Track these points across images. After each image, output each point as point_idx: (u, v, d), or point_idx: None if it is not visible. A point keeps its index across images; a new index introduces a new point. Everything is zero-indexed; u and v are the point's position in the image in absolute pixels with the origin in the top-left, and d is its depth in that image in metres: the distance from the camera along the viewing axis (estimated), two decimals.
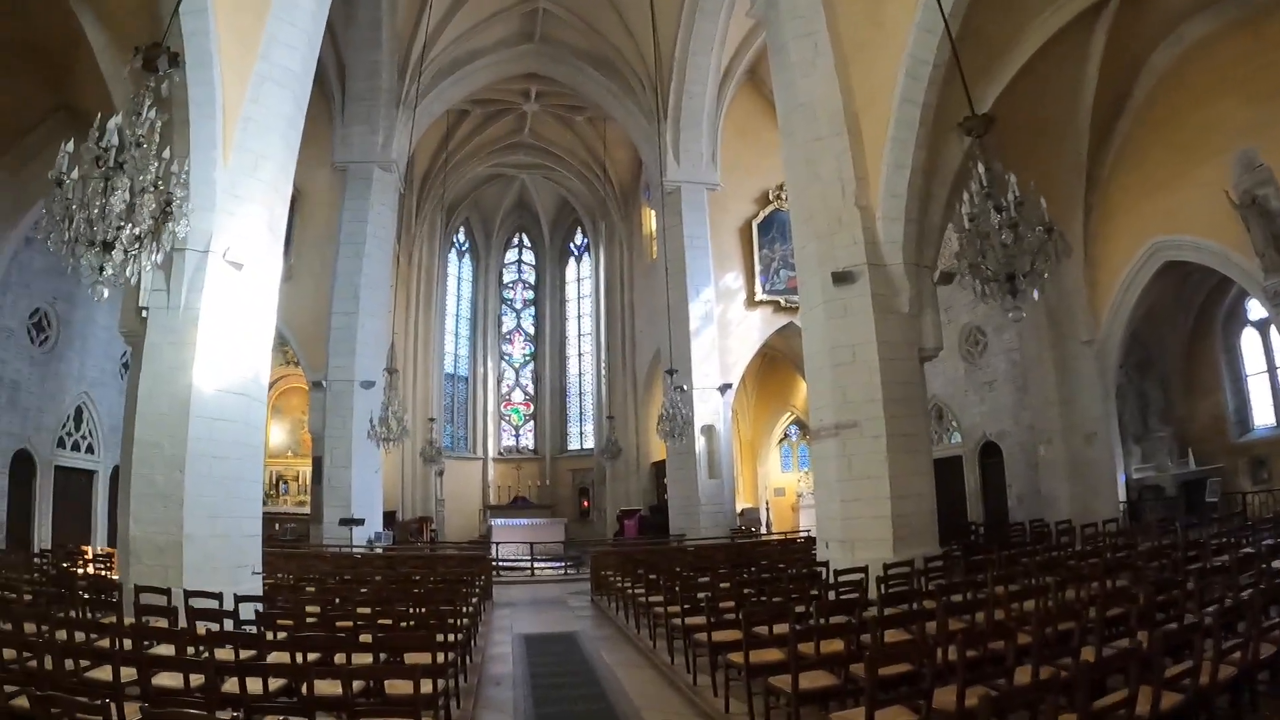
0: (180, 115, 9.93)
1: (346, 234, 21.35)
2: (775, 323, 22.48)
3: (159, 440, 10.07)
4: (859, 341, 11.15)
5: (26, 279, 17.05)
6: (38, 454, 17.11)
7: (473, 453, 33.55)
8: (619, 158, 28.84)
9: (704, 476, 20.97)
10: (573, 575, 19.83)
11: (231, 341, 10.60)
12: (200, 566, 9.75)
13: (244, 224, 10.84)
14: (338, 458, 20.27)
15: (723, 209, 22.63)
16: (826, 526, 11.60)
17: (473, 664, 9.29)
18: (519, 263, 36.64)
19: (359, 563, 15.01)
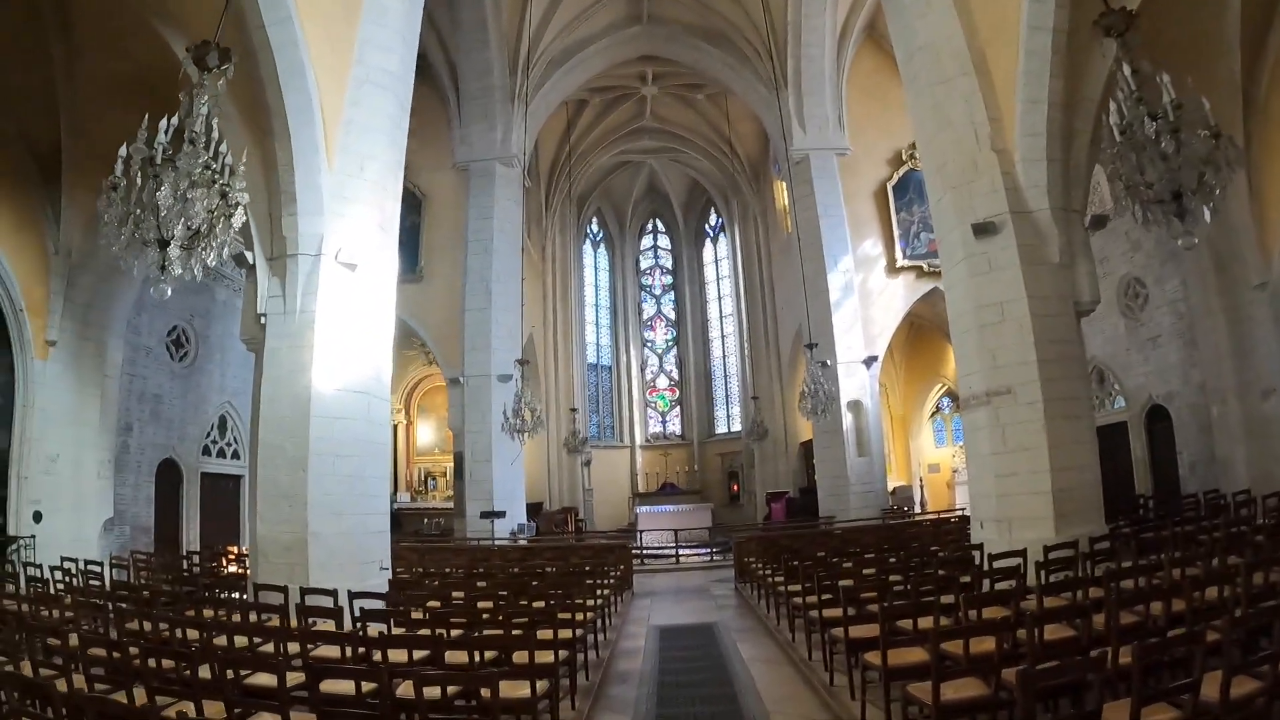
0: (280, 124, 10.22)
1: (473, 231, 21.55)
2: (919, 289, 21.22)
3: (281, 442, 10.20)
4: (1007, 298, 10.07)
5: (158, 300, 17.42)
6: (183, 462, 17.88)
7: (619, 441, 33.52)
8: (744, 132, 28.03)
9: (852, 455, 20.02)
10: (719, 562, 19.28)
11: (349, 341, 10.64)
12: (325, 564, 9.77)
13: (354, 225, 10.89)
14: (478, 452, 20.44)
15: (854, 174, 21.53)
16: (980, 505, 10.47)
17: (599, 659, 8.91)
18: (655, 248, 36.33)
19: (493, 555, 14.88)
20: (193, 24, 10.37)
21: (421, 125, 22.18)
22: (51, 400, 14.13)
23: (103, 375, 15.00)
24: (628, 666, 8.84)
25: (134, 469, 16.60)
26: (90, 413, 14.76)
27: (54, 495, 13.92)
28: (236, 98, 10.56)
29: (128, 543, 15.75)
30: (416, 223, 22.23)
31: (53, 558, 12.27)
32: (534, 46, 21.52)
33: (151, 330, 17.50)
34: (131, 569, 12.27)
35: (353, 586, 8.99)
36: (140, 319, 16.97)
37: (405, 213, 21.56)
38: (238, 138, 10.67)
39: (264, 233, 10.83)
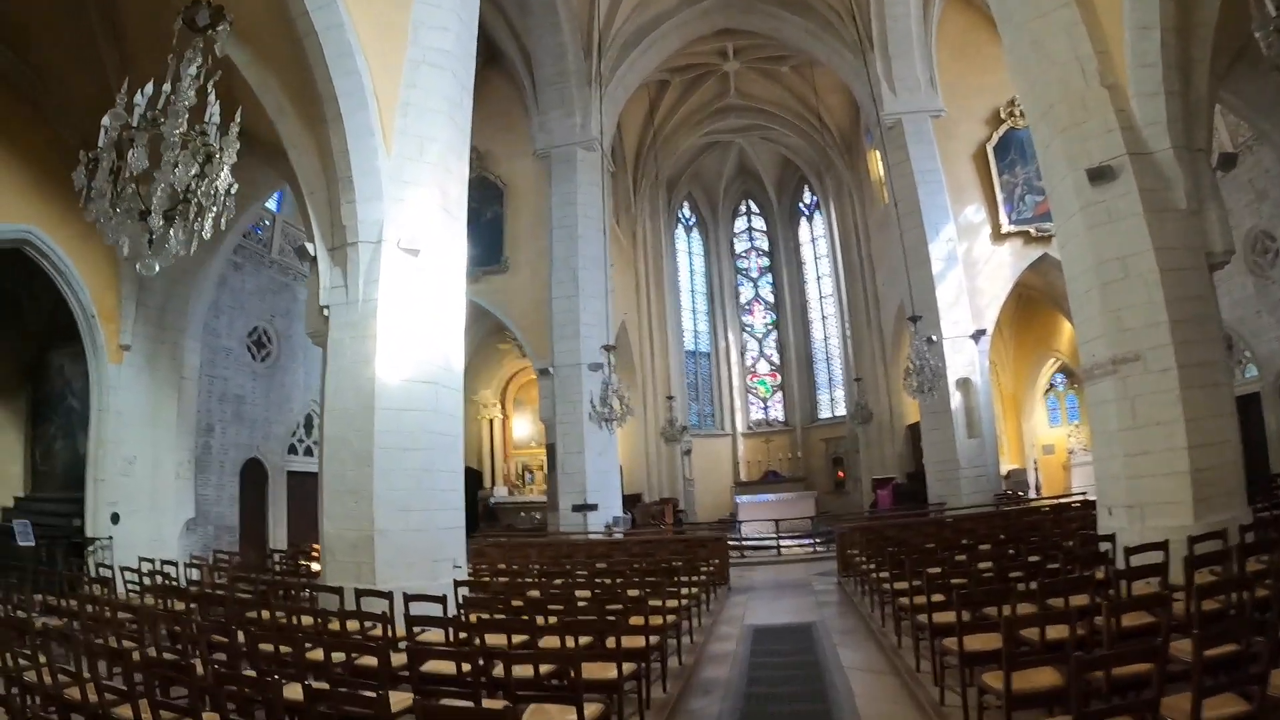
0: (332, 110, 10.06)
1: (557, 218, 21.10)
2: (1027, 256, 19.69)
3: (346, 435, 9.93)
4: (1130, 252, 8.82)
5: (240, 301, 18.04)
6: (268, 461, 18.03)
7: (720, 429, 32.66)
8: (833, 104, 26.73)
9: (962, 436, 18.70)
10: (822, 553, 18.24)
11: (414, 329, 10.25)
12: (393, 562, 9.40)
13: (415, 210, 10.52)
14: (570, 443, 19.97)
15: (951, 136, 20.13)
16: (1108, 488, 9.14)
17: (682, 666, 8.11)
18: (749, 230, 35.23)
19: (577, 551, 14.28)
20: (240, 20, 10.12)
21: (498, 114, 22.13)
22: (127, 404, 14.26)
23: (179, 377, 15.10)
24: (714, 674, 8.02)
25: (217, 469, 16.79)
26: (167, 415, 14.85)
27: (132, 497, 14.06)
28: (288, 87, 10.51)
29: (211, 542, 15.89)
30: (499, 213, 21.98)
31: (130, 558, 12.34)
32: (606, 27, 20.89)
33: (231, 332, 17.68)
34: (203, 569, 12.15)
35: (422, 586, 8.64)
36: (219, 321, 17.17)
37: (487, 203, 21.87)
38: (294, 131, 10.64)
39: (324, 223, 10.64)
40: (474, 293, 21.25)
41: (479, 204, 21.76)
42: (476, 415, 27.65)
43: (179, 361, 15.13)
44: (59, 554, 13.18)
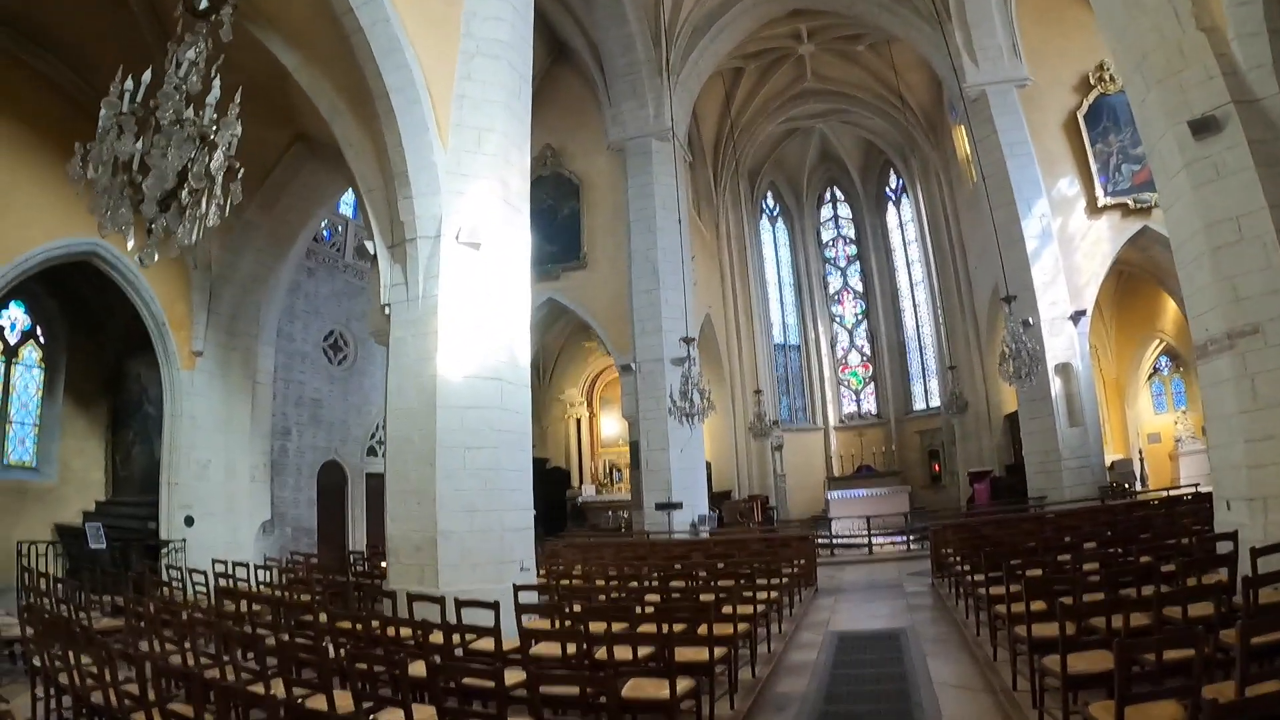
0: (384, 106, 9.96)
1: (635, 211, 20.73)
2: (1125, 230, 18.37)
3: (409, 435, 9.80)
4: (1244, 210, 7.85)
5: (315, 305, 18.34)
6: (347, 464, 18.24)
7: (812, 423, 31.81)
8: (914, 81, 25.62)
9: (1063, 425, 17.51)
10: (916, 551, 17.32)
11: (477, 324, 10.02)
12: (458, 564, 9.19)
13: (474, 203, 10.31)
14: (653, 440, 19.57)
15: (1038, 107, 18.93)
16: (1226, 479, 8.07)
17: (756, 678, 7.48)
18: (835, 218, 34.21)
19: (654, 552, 13.76)
20: (288, 24, 10.42)
21: (571, 110, 21.97)
22: (200, 409, 14.55)
23: (253, 382, 15.33)
24: (790, 688, 7.33)
25: (294, 471, 17.06)
26: (241, 419, 15.10)
27: (206, 500, 14.35)
28: (340, 87, 10.48)
29: (288, 544, 16.09)
30: (576, 209, 21.78)
31: (204, 560, 12.32)
32: (674, 14, 20.40)
33: (307, 336, 17.93)
34: (274, 570, 12.14)
35: (486, 590, 8.30)
36: (294, 326, 17.44)
37: (563, 199, 21.69)
38: (350, 130, 10.58)
39: (383, 220, 10.55)
40: (554, 290, 21.31)
41: (555, 201, 21.74)
42: (563, 415, 27.62)
43: (252, 366, 15.35)
44: (134, 556, 13.51)
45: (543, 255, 20.95)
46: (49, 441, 17.20)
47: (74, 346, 17.76)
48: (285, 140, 14.41)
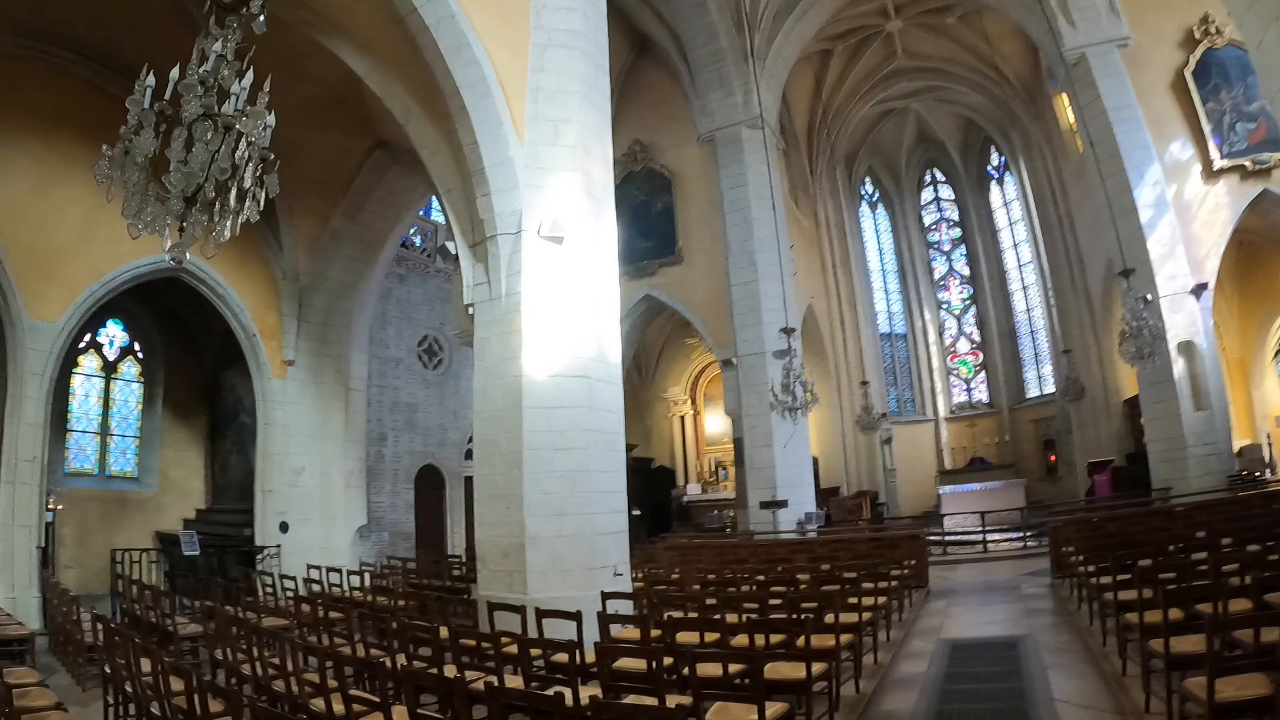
0: (455, 103, 9.83)
1: (729, 202, 20.19)
2: (1244, 194, 16.86)
3: (496, 437, 9.60)
4: None
5: (407, 311, 18.62)
6: (444, 467, 18.42)
7: (921, 415, 30.64)
8: (1009, 51, 24.21)
9: (1187, 409, 16.09)
10: (1033, 549, 16.34)
11: (563, 321, 9.74)
12: (547, 570, 8.90)
13: (555, 196, 10.04)
14: (757, 436, 18.97)
15: (1142, 66, 17.53)
16: None
17: (860, 694, 6.88)
18: (937, 201, 32.87)
19: (755, 554, 13.23)
20: (355, 31, 10.43)
21: (658, 104, 21.66)
22: (293, 417, 14.81)
23: (346, 389, 15.49)
24: (897, 705, 6.73)
25: (390, 476, 17.31)
26: (334, 426, 15.28)
27: (301, 506, 14.58)
28: (412, 88, 10.40)
29: (386, 548, 16.32)
30: (669, 203, 21.41)
31: (299, 566, 12.71)
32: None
33: (400, 342, 18.19)
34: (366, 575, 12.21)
35: (575, 596, 8.09)
36: (386, 332, 17.71)
37: (656, 194, 21.36)
38: (425, 131, 10.49)
39: (463, 220, 10.43)
40: (651, 287, 21.02)
41: (648, 196, 21.43)
42: (667, 413, 27.36)
43: (345, 374, 15.53)
44: (230, 561, 13.97)
45: (638, 251, 20.67)
46: (149, 452, 18.15)
47: (171, 360, 18.63)
48: (366, 147, 14.53)
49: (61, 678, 8.80)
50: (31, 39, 11.88)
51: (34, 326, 12.58)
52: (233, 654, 6.66)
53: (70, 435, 17.43)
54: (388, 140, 13.99)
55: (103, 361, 18.24)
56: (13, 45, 11.67)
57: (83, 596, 13.28)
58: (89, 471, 17.63)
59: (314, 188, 14.77)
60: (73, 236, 12.03)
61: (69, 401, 17.37)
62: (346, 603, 10.29)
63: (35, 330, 12.59)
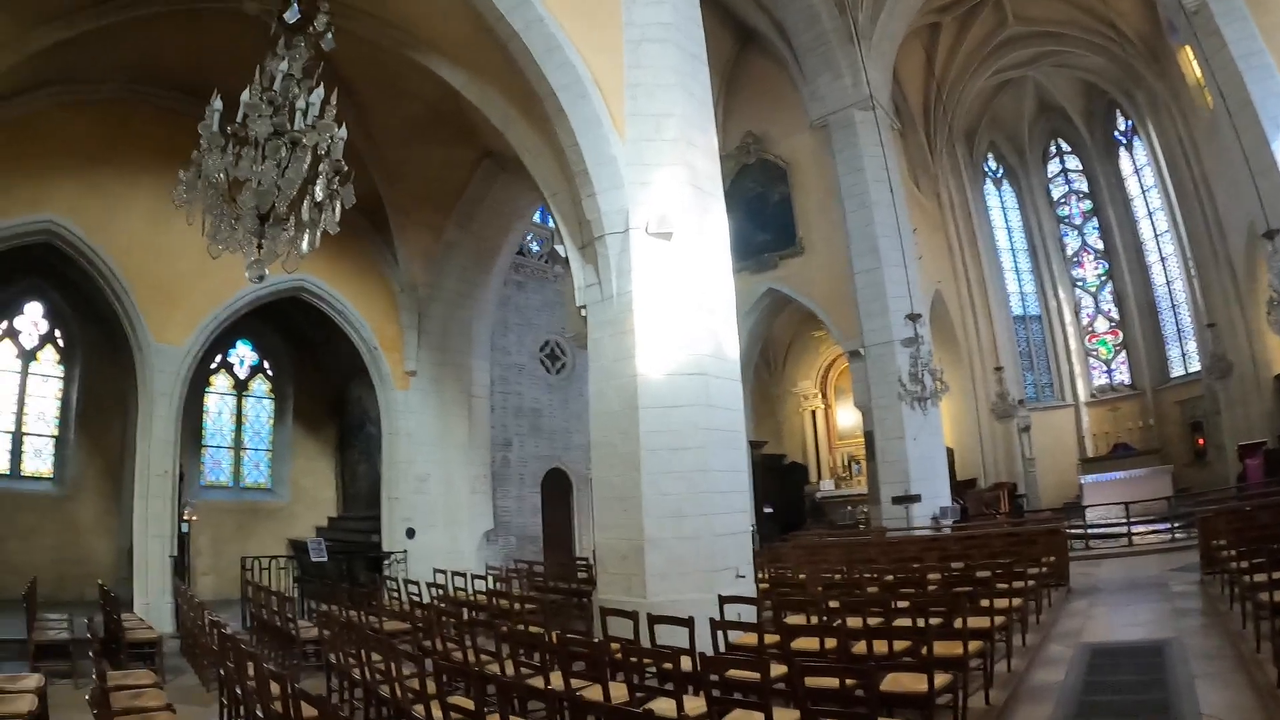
0: (552, 106, 9.87)
1: (846, 188, 19.60)
2: None
3: (612, 439, 9.57)
4: None
5: (527, 317, 18.92)
6: (570, 470, 18.58)
7: (1060, 400, 29.07)
8: (1124, 8, 22.37)
9: None
10: (1181, 542, 15.10)
11: (676, 318, 9.63)
12: (666, 573, 8.77)
13: (661, 192, 9.95)
14: (888, 429, 18.33)
15: (1266, 8, 15.89)
16: None
17: (990, 706, 6.32)
18: (1064, 172, 31.07)
19: (886, 552, 12.67)
20: (448, 45, 10.67)
21: (766, 94, 21.36)
22: (417, 425, 15.18)
23: (468, 396, 15.79)
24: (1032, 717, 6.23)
25: (516, 481, 17.59)
26: (458, 433, 15.58)
27: (426, 512, 14.96)
28: (509, 95, 10.54)
29: (513, 551, 16.53)
30: (786, 194, 21.04)
31: (426, 570, 13.00)
32: None
33: (522, 348, 18.47)
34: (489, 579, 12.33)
35: (695, 600, 7.95)
36: (508, 339, 18.02)
37: (772, 185, 21.02)
38: (525, 137, 10.65)
39: (570, 222, 10.49)
40: (774, 280, 20.72)
41: (763, 188, 21.15)
42: (798, 408, 26.89)
43: (467, 381, 15.84)
44: (359, 567, 14.47)
45: (758, 245, 20.40)
46: (281, 464, 19.15)
47: (299, 376, 19.61)
48: (472, 158, 14.77)
49: (189, 678, 9.33)
50: (140, 83, 12.58)
51: (161, 350, 13.46)
52: (344, 658, 6.89)
53: (205, 450, 18.54)
54: (493, 150, 14.15)
55: (234, 380, 19.35)
56: (124, 90, 12.43)
57: (217, 602, 14.25)
58: (224, 484, 18.71)
59: (425, 201, 15.15)
60: (193, 264, 12.43)
61: (203, 419, 18.51)
62: (470, 606, 10.52)
63: (162, 354, 13.48)
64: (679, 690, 5.00)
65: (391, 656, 5.69)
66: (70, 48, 11.01)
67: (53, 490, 16.43)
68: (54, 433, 16.84)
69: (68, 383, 17.10)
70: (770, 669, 4.85)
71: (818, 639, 6.38)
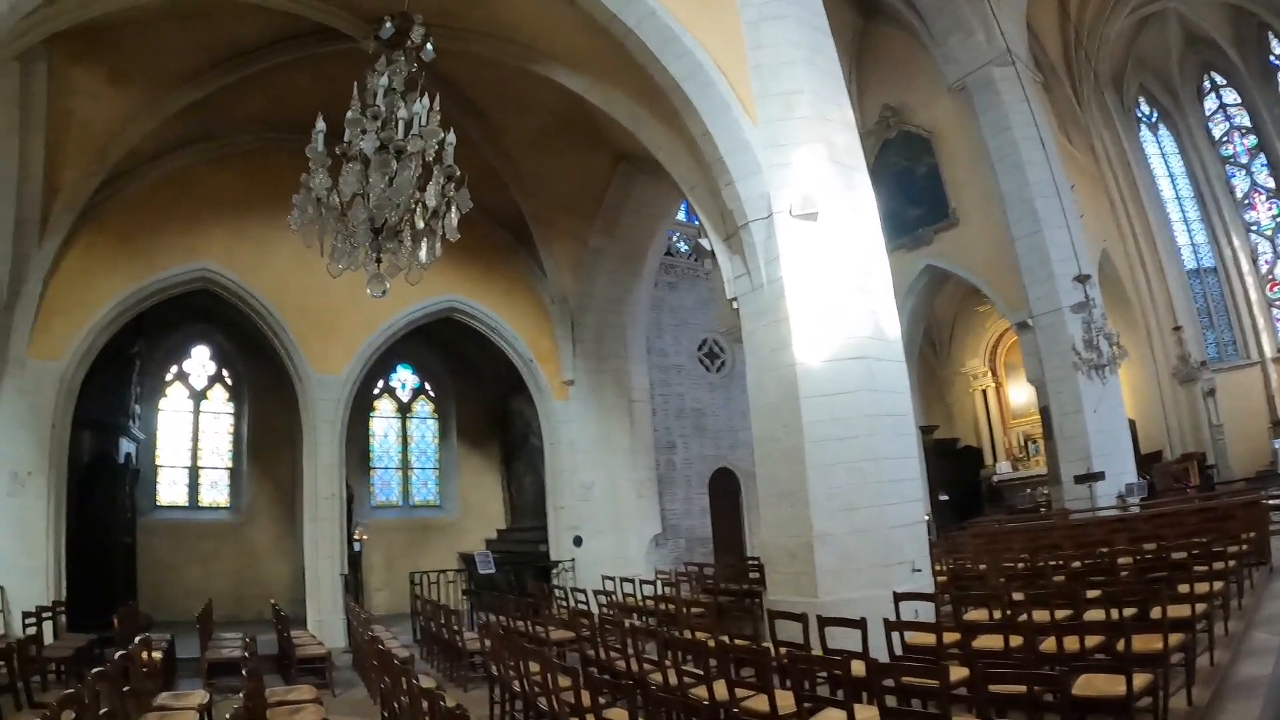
0: (679, 98, 9.64)
1: (995, 149, 18.57)
2: None
3: (774, 432, 9.26)
4: None
5: (681, 317, 18.91)
6: (737, 469, 18.40)
7: (1245, 358, 26.53)
8: None
9: None
10: None
11: (830, 301, 9.24)
12: (837, 570, 8.37)
13: (801, 171, 9.60)
14: (1064, 402, 17.16)
15: None
16: None
17: (1192, 707, 5.57)
18: (1222, 109, 28.29)
19: (1070, 537, 11.85)
20: (565, 52, 10.66)
21: (899, 64, 20.73)
22: (578, 434, 15.36)
23: (628, 401, 15.85)
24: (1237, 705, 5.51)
25: (683, 483, 17.62)
26: (620, 439, 15.65)
27: (593, 519, 15.10)
28: (634, 94, 10.43)
29: (683, 554, 16.47)
30: (932, 164, 20.23)
31: (594, 578, 13.16)
32: None
33: (679, 348, 18.50)
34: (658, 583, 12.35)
35: (869, 597, 7.62)
36: (664, 340, 18.12)
37: (917, 157, 20.26)
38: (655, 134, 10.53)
39: (712, 215, 10.31)
40: (930, 256, 20.05)
41: (909, 161, 20.45)
42: (967, 388, 25.74)
43: (625, 387, 15.89)
44: (527, 577, 14.63)
45: (910, 221, 19.75)
46: (448, 481, 19.87)
47: (460, 394, 20.30)
48: (608, 163, 14.79)
49: (359, 691, 9.68)
50: (273, 130, 13.11)
51: (321, 380, 14.15)
52: (504, 669, 7.00)
53: (374, 472, 19.49)
54: (627, 152, 14.09)
55: (397, 404, 20.24)
56: (259, 139, 13.05)
57: (391, 616, 15.35)
58: (394, 503, 19.58)
59: (567, 211, 15.28)
60: (343, 296, 12.85)
61: (369, 443, 19.47)
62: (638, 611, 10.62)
63: (323, 383, 14.16)
64: (849, 699, 4.65)
65: (548, 667, 5.69)
66: (204, 106, 11.95)
67: (230, 518, 17.74)
68: (228, 465, 18.17)
69: (237, 418, 18.37)
70: (949, 674, 4.47)
71: (1001, 637, 5.88)
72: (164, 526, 16.65)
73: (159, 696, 7.01)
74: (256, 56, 11.56)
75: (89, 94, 11.03)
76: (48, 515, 11.40)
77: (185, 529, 16.98)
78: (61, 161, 11.36)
